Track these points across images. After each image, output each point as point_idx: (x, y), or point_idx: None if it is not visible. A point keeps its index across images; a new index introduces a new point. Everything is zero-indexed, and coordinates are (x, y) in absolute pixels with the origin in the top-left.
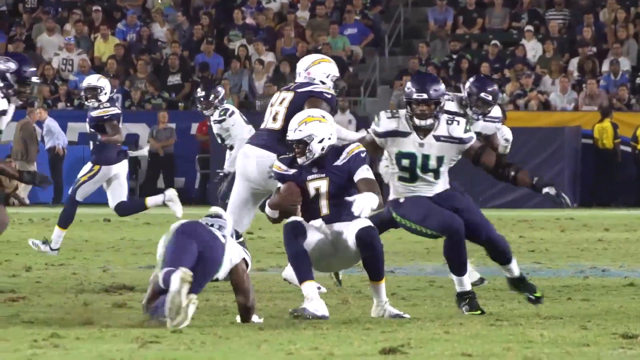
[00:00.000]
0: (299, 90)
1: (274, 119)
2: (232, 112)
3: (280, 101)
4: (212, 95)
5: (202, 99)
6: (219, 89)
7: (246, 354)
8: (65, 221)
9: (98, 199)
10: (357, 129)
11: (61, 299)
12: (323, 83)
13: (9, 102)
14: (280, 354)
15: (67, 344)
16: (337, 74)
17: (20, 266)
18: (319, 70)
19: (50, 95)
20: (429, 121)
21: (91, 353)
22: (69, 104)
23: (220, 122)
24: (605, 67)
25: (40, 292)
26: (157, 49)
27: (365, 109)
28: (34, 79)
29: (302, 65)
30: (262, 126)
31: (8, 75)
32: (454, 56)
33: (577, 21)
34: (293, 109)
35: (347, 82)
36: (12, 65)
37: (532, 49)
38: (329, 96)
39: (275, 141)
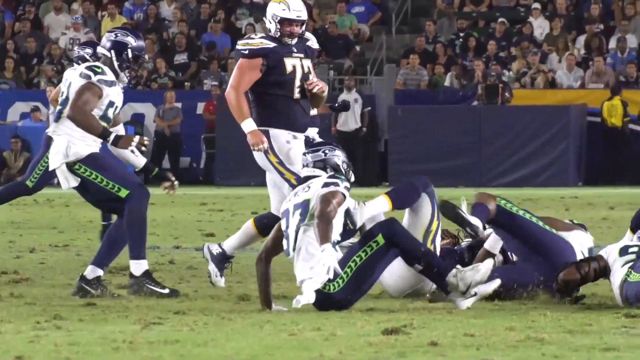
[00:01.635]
0: None
1: None
2: None
3: None
4: None
5: None
6: None
7: (249, 334)
8: None
9: None
10: (364, 107)
11: (65, 280)
12: None
13: (117, 77)
14: (283, 335)
15: (69, 326)
16: None
17: (24, 247)
18: None
19: (57, 75)
20: None
21: (94, 334)
22: None
23: None
24: (612, 44)
25: (43, 273)
26: (164, 28)
27: (372, 88)
28: (146, 55)
29: None
30: None
31: (128, 50)
32: (461, 34)
33: None
34: None
35: (354, 60)
36: (132, 41)
37: (539, 26)
38: None
39: None
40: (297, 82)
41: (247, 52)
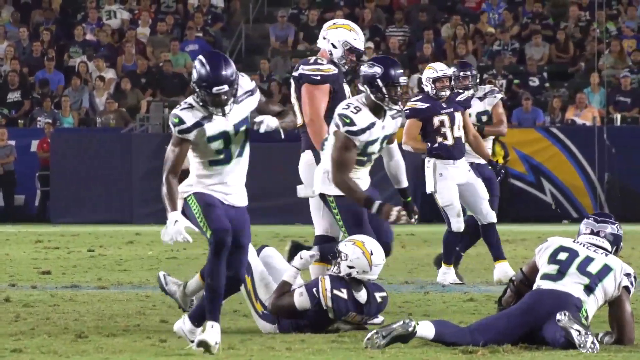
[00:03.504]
0: None
1: None
2: None
3: None
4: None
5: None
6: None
7: None
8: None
9: None
10: None
11: None
12: None
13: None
14: None
15: None
16: None
17: None
18: None
19: None
20: None
21: None
22: None
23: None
24: None
25: None
26: None
27: None
28: (402, 80)
29: None
30: None
31: (378, 80)
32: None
33: (417, 37)
34: None
35: None
36: (378, 70)
37: None
38: None
39: None
40: None
41: (318, 77)
